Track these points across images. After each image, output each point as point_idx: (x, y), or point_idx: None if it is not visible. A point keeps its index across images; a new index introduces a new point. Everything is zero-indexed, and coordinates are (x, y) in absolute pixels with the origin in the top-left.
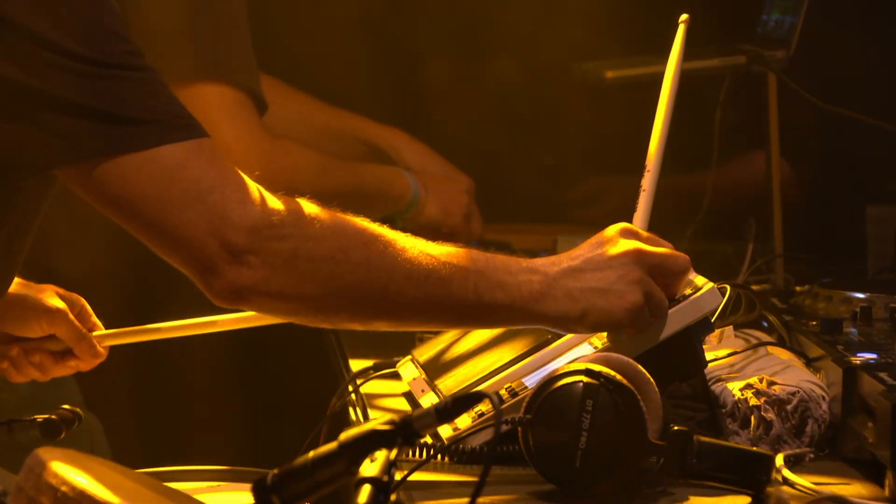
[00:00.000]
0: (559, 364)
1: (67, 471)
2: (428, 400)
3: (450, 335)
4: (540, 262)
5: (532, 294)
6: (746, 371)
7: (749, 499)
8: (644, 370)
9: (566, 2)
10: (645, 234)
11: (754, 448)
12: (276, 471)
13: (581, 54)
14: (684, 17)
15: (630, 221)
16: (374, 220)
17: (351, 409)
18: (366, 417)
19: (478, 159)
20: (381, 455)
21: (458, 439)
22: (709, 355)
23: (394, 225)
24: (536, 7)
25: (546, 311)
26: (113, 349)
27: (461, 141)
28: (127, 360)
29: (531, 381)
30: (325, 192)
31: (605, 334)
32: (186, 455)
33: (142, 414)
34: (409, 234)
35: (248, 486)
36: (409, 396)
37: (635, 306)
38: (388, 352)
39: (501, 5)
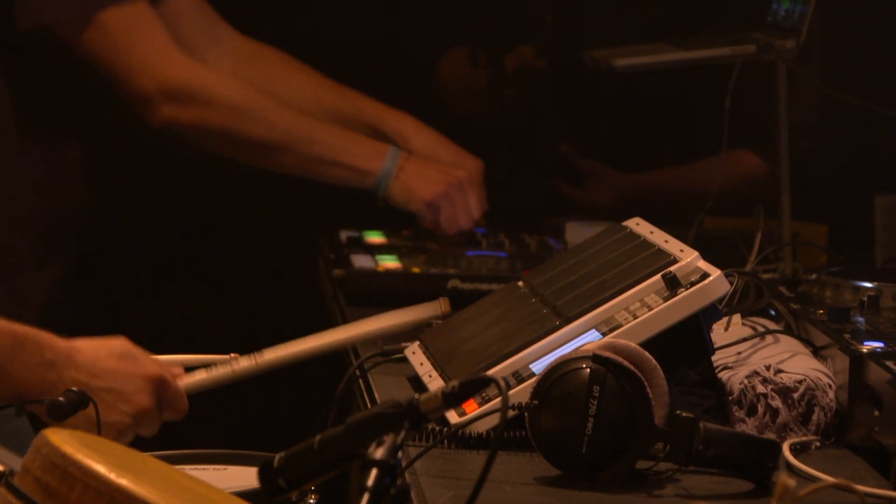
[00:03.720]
0: (566, 350)
1: (74, 451)
2: (435, 385)
3: (458, 321)
4: (63, 359)
5: (37, 392)
6: (753, 358)
7: (754, 486)
8: (651, 357)
9: None
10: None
11: (761, 435)
12: (282, 453)
13: (597, 41)
14: None
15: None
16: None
17: (358, 394)
18: (373, 402)
19: (492, 146)
20: (388, 438)
21: (464, 424)
22: (716, 342)
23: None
24: None
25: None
26: (112, 325)
27: (476, 126)
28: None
29: (538, 366)
30: (252, 139)
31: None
32: (194, 438)
33: None
34: None
35: (255, 468)
36: (416, 381)
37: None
38: (396, 337)
39: None
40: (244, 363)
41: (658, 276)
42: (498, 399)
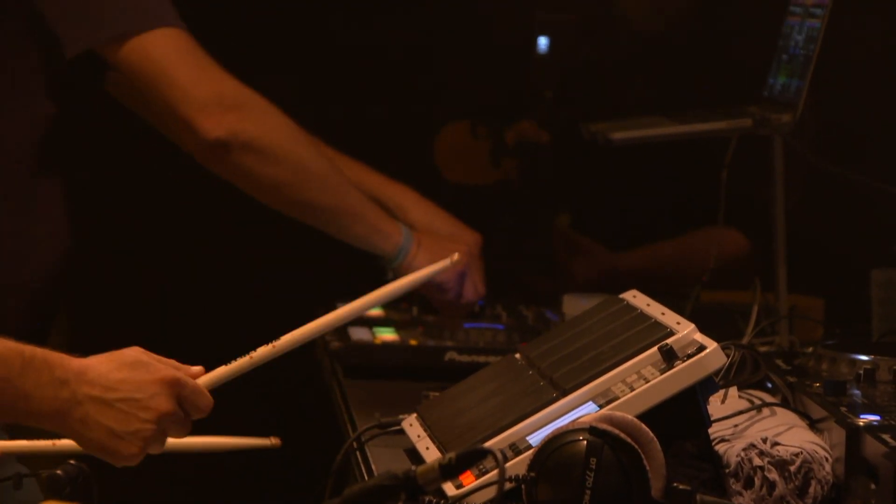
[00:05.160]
0: (563, 422)
1: None
2: (433, 457)
3: (456, 393)
4: (74, 376)
5: (52, 410)
6: (750, 431)
7: None
8: (648, 429)
9: (582, 63)
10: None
11: None
12: None
13: (596, 115)
14: None
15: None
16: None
17: (356, 466)
18: (370, 474)
19: (491, 216)
20: None
21: (461, 496)
22: (713, 415)
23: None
24: (553, 69)
25: (56, 429)
26: None
27: (475, 197)
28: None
29: (535, 438)
30: (303, 160)
31: None
32: None
33: (148, 468)
34: None
35: None
36: (413, 454)
37: (132, 456)
38: (393, 409)
39: (519, 70)
40: (262, 351)
41: (655, 349)
42: (495, 471)
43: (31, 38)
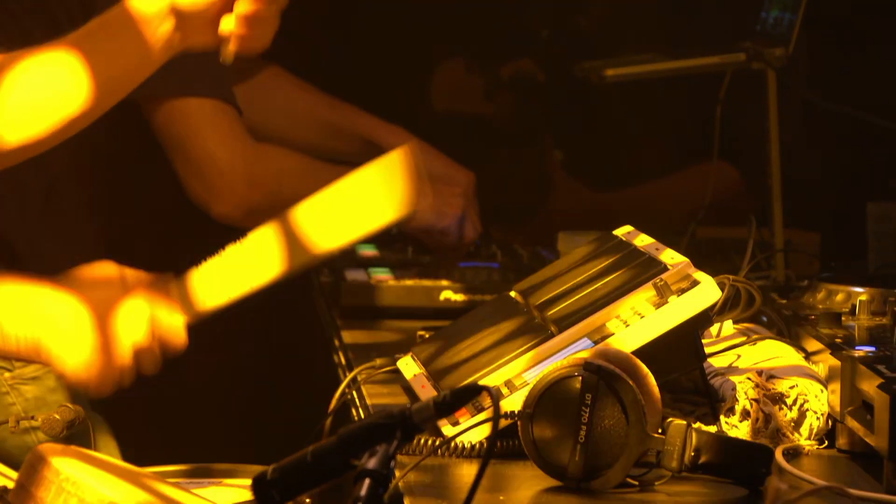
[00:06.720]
0: (558, 359)
1: (68, 466)
2: (428, 395)
3: (451, 332)
4: None
5: None
6: (745, 365)
7: (748, 491)
8: (643, 364)
9: (577, 1)
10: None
11: (753, 441)
12: (275, 465)
13: (592, 54)
14: None
15: None
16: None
17: (352, 406)
18: (366, 413)
19: (485, 156)
20: (380, 449)
21: (457, 434)
22: (708, 349)
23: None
24: (547, 6)
25: None
26: None
27: (468, 136)
28: None
29: (531, 375)
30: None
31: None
32: (188, 453)
33: (146, 413)
34: None
35: (249, 481)
36: (409, 392)
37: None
38: (389, 348)
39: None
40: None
41: (649, 284)
42: (491, 408)
43: None
